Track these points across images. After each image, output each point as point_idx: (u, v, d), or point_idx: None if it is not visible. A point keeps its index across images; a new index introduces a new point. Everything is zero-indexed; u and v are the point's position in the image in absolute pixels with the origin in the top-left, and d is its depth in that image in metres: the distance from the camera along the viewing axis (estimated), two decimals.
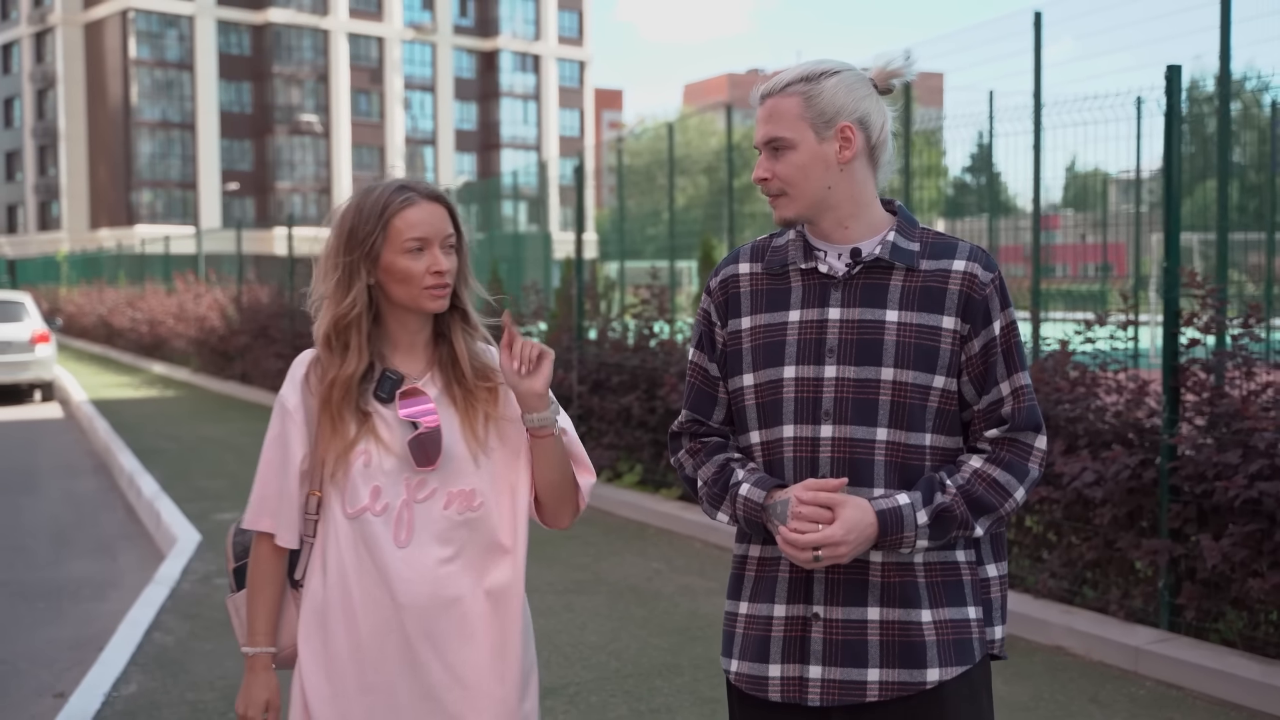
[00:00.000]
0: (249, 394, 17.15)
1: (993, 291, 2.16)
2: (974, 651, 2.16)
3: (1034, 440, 2.17)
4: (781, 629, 2.17)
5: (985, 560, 2.22)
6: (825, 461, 2.14)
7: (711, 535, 7.67)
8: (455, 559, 2.27)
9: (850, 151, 2.16)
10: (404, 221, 2.24)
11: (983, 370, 2.16)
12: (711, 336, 2.29)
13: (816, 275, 2.19)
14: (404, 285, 2.24)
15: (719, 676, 5.07)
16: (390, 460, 2.25)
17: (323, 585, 2.26)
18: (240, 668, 5.11)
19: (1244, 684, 4.71)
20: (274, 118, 66.37)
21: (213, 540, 7.71)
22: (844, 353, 2.14)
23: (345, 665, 2.24)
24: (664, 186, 21.20)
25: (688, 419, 2.33)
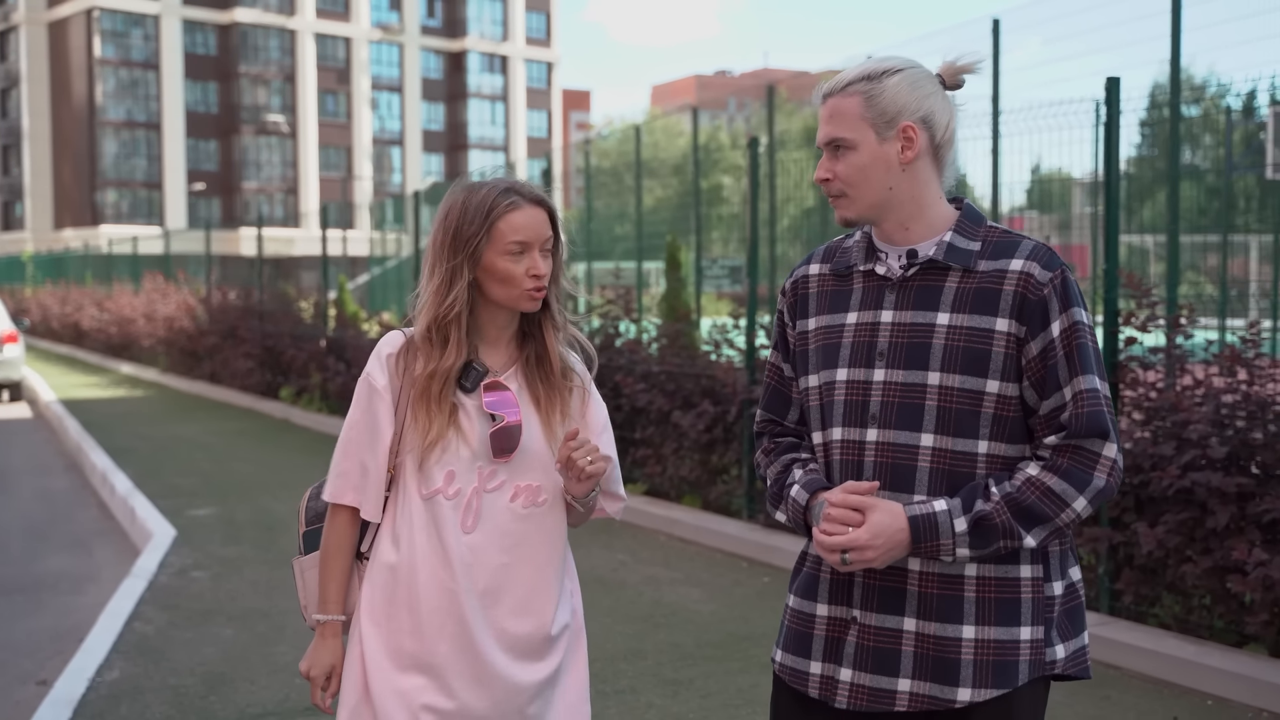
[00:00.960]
0: (218, 394, 17.24)
1: (1051, 292, 2.07)
2: (1017, 675, 2.07)
3: (1100, 448, 2.06)
4: (824, 628, 2.17)
5: (1052, 576, 2.13)
6: (869, 465, 2.11)
7: (675, 529, 7.89)
8: (516, 549, 2.35)
9: (913, 152, 2.12)
10: (508, 224, 2.30)
11: (1042, 374, 2.07)
12: (784, 337, 2.31)
13: (875, 277, 2.18)
14: (503, 285, 2.31)
15: (681, 660, 5.30)
16: (466, 448, 2.31)
17: (392, 561, 2.34)
18: (220, 653, 5.33)
19: (1177, 663, 4.98)
20: (240, 118, 66.12)
21: (188, 535, 7.86)
22: (893, 356, 2.11)
23: (405, 640, 2.31)
24: (632, 188, 21.40)
25: (764, 419, 2.35)
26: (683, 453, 8.30)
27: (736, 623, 5.91)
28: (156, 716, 4.67)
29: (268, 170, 67.45)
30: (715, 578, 6.82)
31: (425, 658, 2.30)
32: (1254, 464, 5.04)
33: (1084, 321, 2.07)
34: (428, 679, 2.30)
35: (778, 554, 7.06)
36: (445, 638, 2.30)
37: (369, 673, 2.31)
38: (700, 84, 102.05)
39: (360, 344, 13.58)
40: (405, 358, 2.36)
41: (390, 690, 2.30)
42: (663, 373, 8.53)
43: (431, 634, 2.30)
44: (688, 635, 5.69)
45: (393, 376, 2.36)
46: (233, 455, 11.61)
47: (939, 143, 2.14)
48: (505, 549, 2.33)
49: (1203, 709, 4.71)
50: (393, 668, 2.31)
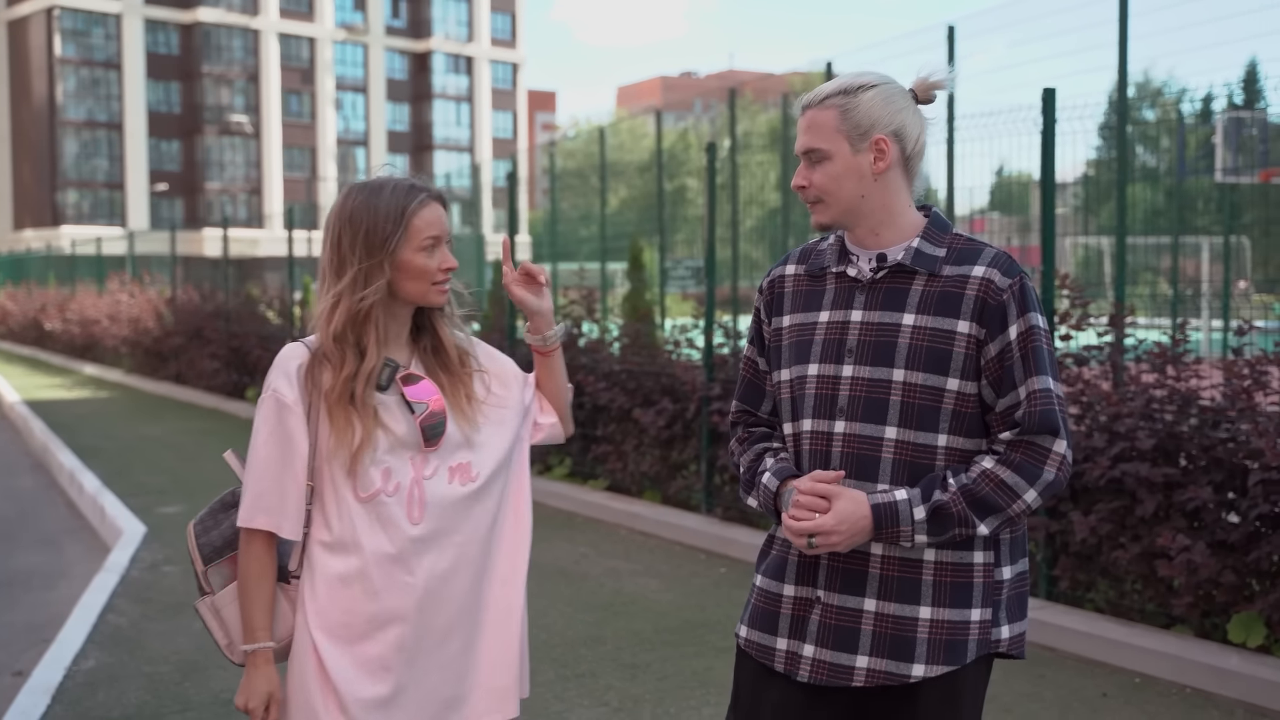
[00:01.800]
0: (184, 394, 17.32)
1: (1010, 297, 2.20)
2: (966, 653, 2.23)
3: (1051, 444, 2.19)
4: (790, 607, 2.30)
5: (1003, 561, 2.27)
6: (836, 455, 2.25)
7: (636, 523, 8.12)
8: (463, 528, 2.38)
9: (884, 163, 2.24)
10: (422, 220, 2.34)
11: (999, 374, 2.20)
12: (760, 333, 2.44)
13: (847, 279, 2.31)
14: (416, 281, 2.34)
15: (639, 646, 5.53)
16: (395, 443, 2.33)
17: (340, 571, 2.31)
18: (194, 643, 5.51)
19: (1108, 644, 5.25)
20: (203, 118, 65.82)
21: (158, 532, 8.02)
22: (861, 353, 2.25)
23: (368, 645, 2.31)
24: (598, 189, 21.58)
25: (738, 410, 2.48)
26: (643, 449, 8.53)
27: (693, 611, 6.14)
28: (133, 702, 4.86)
29: (231, 171, 67.16)
30: (674, 569, 7.05)
31: (391, 654, 2.32)
32: (1182, 456, 5.32)
33: (1039, 326, 2.21)
34: (397, 674, 2.32)
35: (734, 546, 7.30)
36: (408, 632, 2.32)
37: (337, 687, 2.29)
38: (666, 85, 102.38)
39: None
40: (312, 370, 2.35)
41: (366, 698, 2.30)
42: (624, 371, 8.75)
43: (394, 631, 2.32)
44: (646, 622, 5.92)
45: (302, 390, 2.33)
46: (200, 455, 11.74)
47: (909, 154, 2.27)
48: (454, 529, 2.37)
49: (1130, 686, 4.98)
50: (360, 676, 2.31)
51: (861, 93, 2.23)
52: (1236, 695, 4.79)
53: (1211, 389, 5.51)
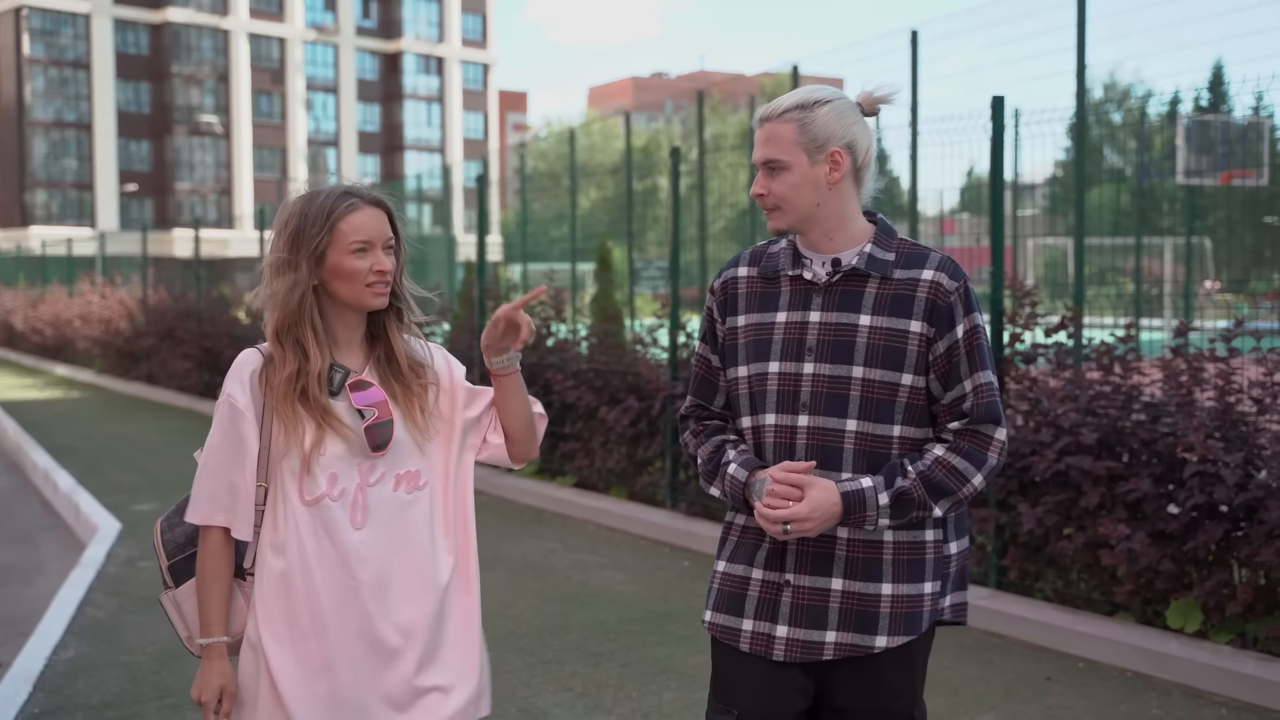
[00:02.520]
0: (156, 394, 17.39)
1: (957, 299, 2.39)
2: (921, 623, 2.42)
3: (993, 432, 2.41)
4: (757, 590, 2.44)
5: (949, 538, 2.47)
6: (801, 447, 2.40)
7: (603, 519, 8.31)
8: (405, 535, 2.44)
9: (839, 174, 2.40)
10: (349, 225, 2.39)
11: (947, 369, 2.39)
12: (714, 331, 2.57)
13: (802, 281, 2.45)
14: (348, 283, 2.39)
15: (604, 635, 5.71)
16: (341, 448, 2.39)
17: (281, 570, 2.38)
18: (170, 635, 5.65)
19: (1053, 630, 5.47)
20: (173, 118, 65.56)
21: (133, 528, 8.15)
22: (821, 352, 2.40)
23: (310, 645, 2.37)
24: (569, 189, 21.71)
25: (692, 404, 2.61)
26: (610, 446, 8.72)
27: (657, 602, 6.34)
28: (112, 690, 5.01)
29: (201, 171, 66.92)
30: (639, 562, 7.25)
31: (333, 655, 2.37)
32: (1125, 450, 5.55)
33: (981, 324, 2.43)
34: (339, 674, 2.37)
35: (698, 540, 7.50)
36: (350, 633, 2.38)
37: (279, 685, 2.35)
38: (637, 86, 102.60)
39: None
40: (265, 373, 2.41)
41: (306, 696, 2.36)
42: (591, 370, 8.94)
43: (336, 633, 2.37)
44: (611, 613, 6.11)
45: (254, 394, 2.40)
46: (174, 453, 11.85)
47: (860, 165, 2.43)
48: (396, 536, 2.43)
49: (1074, 670, 5.20)
50: (302, 675, 2.36)
51: (818, 108, 2.38)
52: (1174, 678, 5.02)
53: (1152, 385, 5.75)
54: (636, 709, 4.76)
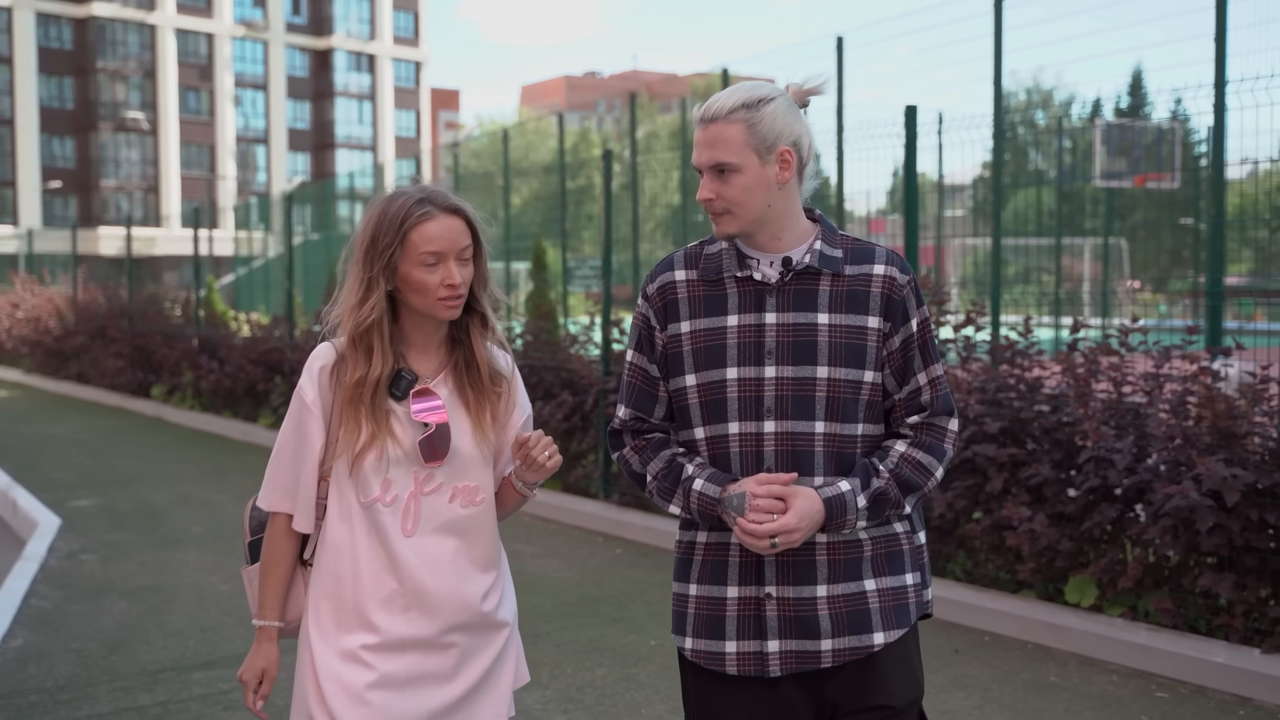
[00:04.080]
0: (87, 393, 17.34)
1: (909, 292, 2.36)
2: (910, 614, 2.38)
3: (948, 423, 2.40)
4: (735, 609, 2.34)
5: (917, 528, 2.43)
6: (769, 454, 2.31)
7: (538, 510, 8.57)
8: (459, 549, 2.42)
9: (789, 172, 2.31)
10: (420, 235, 2.34)
11: (902, 363, 2.35)
12: (651, 339, 2.42)
13: (752, 282, 2.34)
14: (419, 295, 2.37)
15: (540, 617, 5.98)
16: (400, 454, 2.38)
17: (333, 567, 2.40)
18: (117, 623, 5.85)
19: (962, 607, 5.83)
20: (98, 114, 64.61)
21: (73, 523, 8.27)
22: (782, 354, 2.31)
23: (351, 639, 2.38)
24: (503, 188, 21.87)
25: (630, 416, 2.46)
26: None
27: (590, 587, 6.62)
28: (64, 675, 5.18)
29: (127, 168, 66.01)
30: (573, 550, 7.52)
31: (374, 658, 2.38)
32: (1028, 438, 5.92)
33: (929, 318, 2.41)
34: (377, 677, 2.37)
35: (630, 529, 7.80)
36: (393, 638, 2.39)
37: (321, 681, 2.37)
38: (570, 85, 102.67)
39: (232, 343, 13.96)
40: (337, 370, 2.41)
41: (344, 692, 2.36)
42: (525, 366, 9.19)
43: (381, 630, 2.38)
44: (546, 598, 6.38)
45: (323, 390, 2.41)
46: (108, 451, 11.91)
47: (804, 162, 2.36)
48: (448, 548, 2.41)
49: (980, 643, 5.56)
50: (343, 671, 2.37)
51: (763, 106, 2.29)
52: (1071, 649, 5.39)
53: (1051, 377, 6.13)
54: (571, 684, 5.04)
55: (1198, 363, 5.56)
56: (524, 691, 4.90)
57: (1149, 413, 5.57)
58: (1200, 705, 4.79)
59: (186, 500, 9.11)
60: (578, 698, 4.88)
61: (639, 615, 6.06)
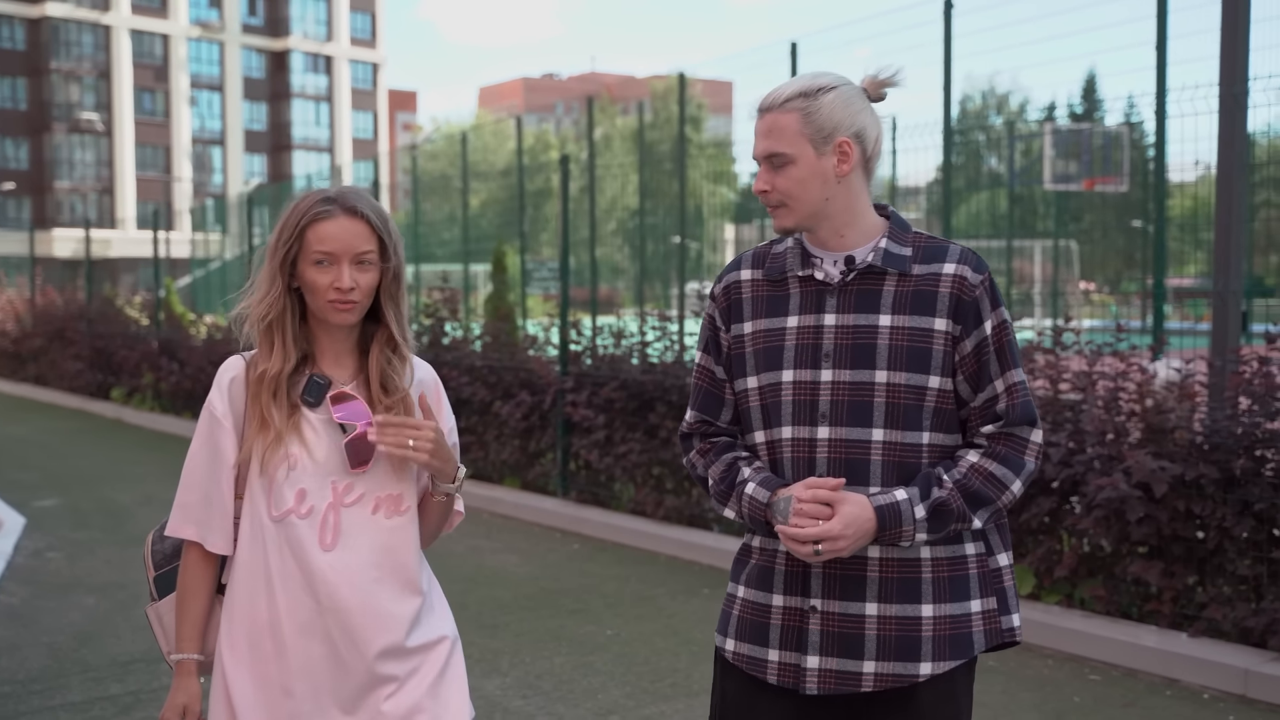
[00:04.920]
0: (46, 395, 17.33)
1: (983, 293, 2.21)
2: (971, 645, 2.21)
3: (1029, 434, 2.22)
4: (780, 617, 2.25)
5: (995, 550, 2.27)
6: (822, 461, 2.20)
7: (497, 507, 8.75)
8: (383, 564, 2.28)
9: (848, 165, 2.21)
10: (315, 234, 2.24)
11: (976, 369, 2.20)
12: (717, 340, 2.36)
13: (814, 282, 2.25)
14: (311, 295, 2.27)
15: (499, 609, 6.17)
16: (314, 463, 2.26)
17: (246, 589, 2.27)
18: (86, 617, 5.98)
19: None
20: (52, 115, 64.02)
21: (38, 523, 8.37)
22: (839, 357, 2.20)
23: (271, 667, 2.24)
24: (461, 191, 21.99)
25: (696, 420, 2.39)
26: (504, 439, 9.17)
27: (548, 580, 6.81)
28: (36, 667, 5.31)
29: (81, 170, 65.45)
30: (532, 546, 7.71)
31: (293, 681, 2.24)
32: None
33: (1009, 320, 2.24)
34: (298, 702, 2.24)
35: (587, 524, 8.00)
36: (312, 659, 2.24)
37: (235, 708, 2.25)
38: (528, 86, 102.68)
39: (192, 344, 14.04)
40: (246, 379, 2.31)
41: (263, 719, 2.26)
42: (485, 366, 9.37)
43: (298, 658, 2.24)
44: (505, 590, 6.56)
45: (234, 402, 2.30)
46: (70, 452, 11.97)
47: (869, 155, 2.24)
48: (371, 563, 2.27)
49: None
50: (260, 699, 2.25)
51: (822, 95, 2.20)
52: None
53: None
54: (530, 671, 5.23)
55: (1127, 361, 5.83)
56: (483, 679, 5.09)
57: (1083, 409, 5.82)
58: (1130, 686, 5.05)
59: (149, 500, 9.21)
60: (536, 684, 5.07)
61: (596, 606, 6.26)
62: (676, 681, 5.10)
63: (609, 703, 4.87)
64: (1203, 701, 4.88)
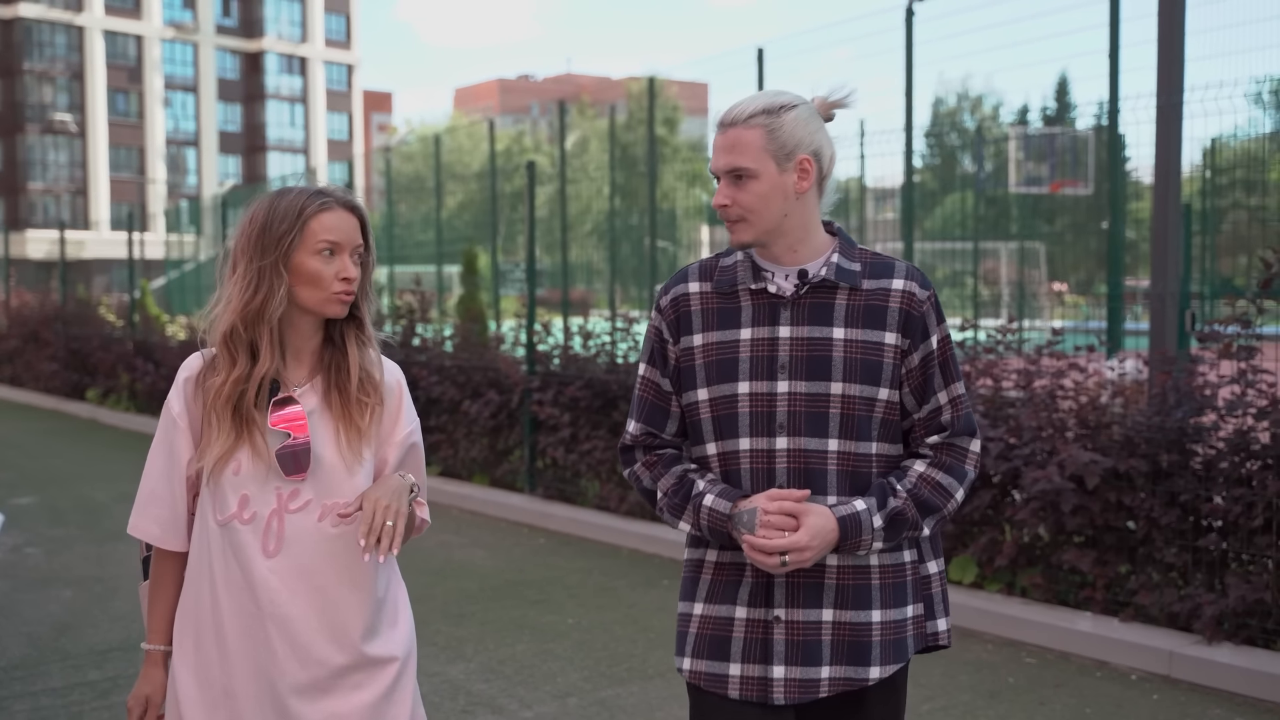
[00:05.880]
0: (21, 396, 17.45)
1: (929, 308, 2.29)
2: (908, 649, 2.31)
3: (969, 444, 2.32)
4: (743, 630, 2.28)
5: (926, 558, 2.36)
6: (781, 472, 2.25)
7: (465, 504, 8.98)
8: (329, 573, 2.26)
9: (807, 182, 2.26)
10: (320, 224, 2.25)
11: (922, 381, 2.28)
12: (664, 352, 2.37)
13: (766, 295, 2.28)
14: (311, 288, 2.25)
15: (465, 599, 6.40)
16: (260, 468, 2.23)
17: (194, 590, 2.28)
18: (64, 609, 6.20)
19: None
20: (25, 116, 63.82)
21: (16, 520, 8.55)
22: (795, 369, 2.25)
23: (214, 671, 2.25)
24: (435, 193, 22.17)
25: (641, 432, 2.40)
26: (472, 437, 9.40)
27: (513, 573, 7.05)
28: (17, 655, 5.51)
29: (54, 171, 65.26)
30: (499, 540, 7.95)
31: (235, 683, 2.24)
32: None
33: (950, 334, 2.33)
34: (237, 704, 2.24)
35: (553, 520, 8.25)
36: (252, 664, 2.24)
37: (181, 704, 2.26)
38: (503, 88, 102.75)
39: (168, 345, 14.22)
40: (203, 379, 2.29)
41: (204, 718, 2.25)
42: (454, 366, 9.60)
43: (239, 661, 2.24)
44: (472, 582, 6.80)
45: (190, 402, 2.29)
46: (46, 452, 12.13)
47: (824, 173, 2.31)
48: (315, 571, 2.25)
49: None
50: (203, 699, 2.25)
51: (785, 112, 2.25)
52: (953, 622, 5.89)
53: None
54: (494, 657, 5.47)
55: (1068, 361, 6.12)
56: (448, 664, 5.33)
57: (1021, 406, 6.10)
58: (1062, 669, 5.32)
59: (125, 498, 9.39)
60: (499, 669, 5.31)
61: (559, 597, 6.51)
62: (633, 666, 5.34)
63: (567, 686, 5.11)
64: (1130, 682, 5.15)
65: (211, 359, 2.30)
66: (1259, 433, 5.29)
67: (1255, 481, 5.21)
